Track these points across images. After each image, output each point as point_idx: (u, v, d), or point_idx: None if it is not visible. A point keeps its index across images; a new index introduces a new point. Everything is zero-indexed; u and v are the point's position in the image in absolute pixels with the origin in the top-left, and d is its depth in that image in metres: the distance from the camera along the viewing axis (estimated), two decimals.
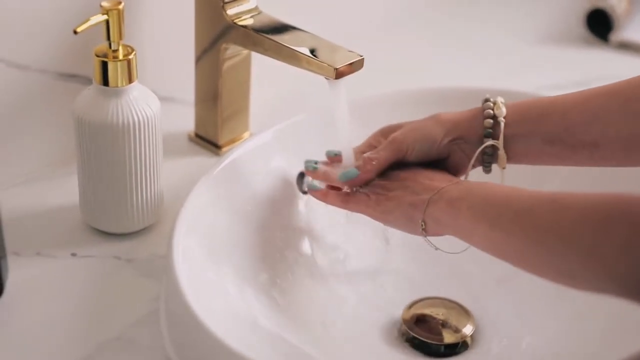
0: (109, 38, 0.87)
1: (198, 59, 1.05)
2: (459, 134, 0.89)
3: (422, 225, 0.84)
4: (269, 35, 0.96)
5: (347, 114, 0.92)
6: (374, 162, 0.89)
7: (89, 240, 0.94)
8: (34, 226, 0.95)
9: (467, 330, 0.92)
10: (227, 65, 1.04)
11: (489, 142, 0.88)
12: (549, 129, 0.86)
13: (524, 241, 0.74)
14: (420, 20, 1.43)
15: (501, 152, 0.88)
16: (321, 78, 0.91)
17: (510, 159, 0.89)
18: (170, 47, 1.10)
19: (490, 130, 0.88)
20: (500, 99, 0.89)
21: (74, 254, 0.92)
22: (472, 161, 0.89)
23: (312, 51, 0.93)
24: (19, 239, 0.93)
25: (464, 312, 0.94)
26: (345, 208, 0.91)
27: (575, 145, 0.86)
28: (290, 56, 0.94)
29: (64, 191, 0.98)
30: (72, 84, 1.01)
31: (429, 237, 0.85)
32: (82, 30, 0.82)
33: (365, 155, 0.90)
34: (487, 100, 0.90)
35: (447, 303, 0.95)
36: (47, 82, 0.99)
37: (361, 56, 0.92)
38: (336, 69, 0.90)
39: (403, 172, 0.89)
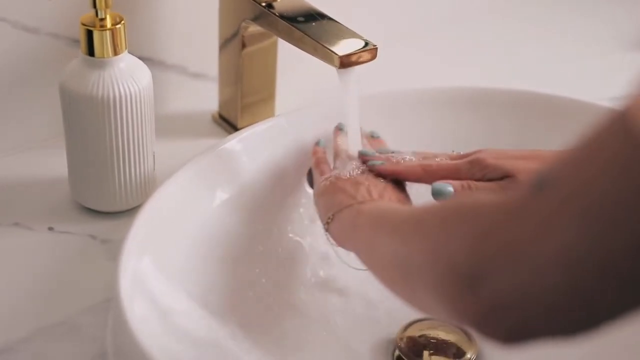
0: (95, 5, 0.82)
1: (222, 38, 1.00)
2: None
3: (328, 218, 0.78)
4: (285, 17, 0.89)
5: (357, 108, 0.85)
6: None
7: (71, 216, 0.90)
8: (22, 196, 0.92)
9: (468, 358, 0.84)
10: (251, 48, 0.99)
11: None
12: None
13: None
14: (504, 19, 1.32)
15: None
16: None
17: None
18: (201, 22, 1.04)
19: None
20: None
21: (51, 228, 0.88)
22: None
23: (324, 37, 0.85)
24: (2, 208, 0.90)
25: (466, 337, 0.85)
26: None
27: None
28: (299, 40, 0.87)
29: (62, 163, 0.93)
30: None
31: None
32: None
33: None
34: None
35: (448, 326, 0.86)
36: (59, 48, 0.95)
37: (374, 46, 0.84)
38: (340, 57, 0.82)
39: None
